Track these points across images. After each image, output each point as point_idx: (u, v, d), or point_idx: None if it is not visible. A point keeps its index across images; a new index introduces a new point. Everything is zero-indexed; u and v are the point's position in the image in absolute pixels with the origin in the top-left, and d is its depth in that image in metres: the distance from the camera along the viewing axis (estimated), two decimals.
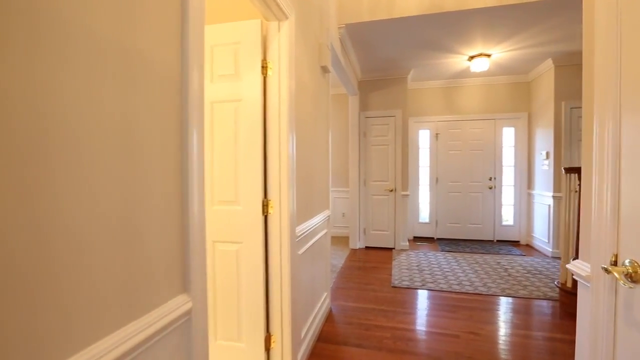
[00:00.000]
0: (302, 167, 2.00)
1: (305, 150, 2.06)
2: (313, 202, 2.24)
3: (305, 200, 2.04)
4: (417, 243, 5.26)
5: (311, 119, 2.23)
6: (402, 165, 4.81)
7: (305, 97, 2.08)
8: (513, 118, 5.18)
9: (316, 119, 2.36)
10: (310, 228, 2.08)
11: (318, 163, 2.43)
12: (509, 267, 3.96)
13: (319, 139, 2.44)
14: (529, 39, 3.69)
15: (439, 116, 5.42)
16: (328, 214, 2.66)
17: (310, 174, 2.19)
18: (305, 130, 2.07)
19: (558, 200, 4.40)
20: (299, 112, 1.93)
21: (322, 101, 2.58)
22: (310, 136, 2.19)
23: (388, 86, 4.87)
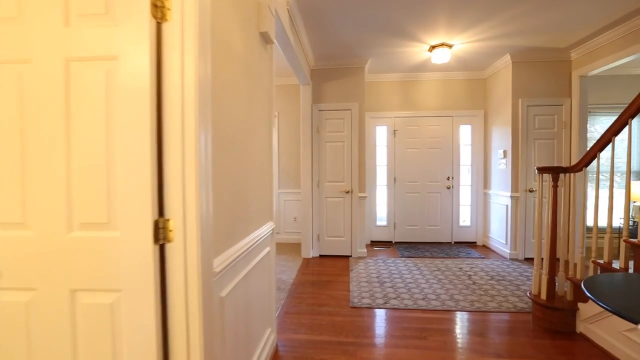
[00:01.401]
0: (229, 168, 1.38)
1: (232, 145, 1.45)
2: (248, 217, 1.63)
3: (233, 215, 1.42)
4: (375, 248, 4.87)
5: (244, 103, 1.61)
6: (359, 165, 4.36)
7: (234, 69, 1.46)
8: (470, 116, 5.02)
9: (252, 103, 1.75)
10: (242, 253, 1.46)
11: (256, 163, 1.82)
12: (472, 273, 3.70)
13: (256, 131, 1.82)
14: (490, 29, 3.43)
15: (396, 112, 5.08)
16: (272, 226, 2.06)
17: (243, 178, 1.58)
18: (232, 117, 1.46)
19: (515, 201, 4.27)
20: (222, 91, 1.31)
21: (263, 82, 1.96)
22: (242, 126, 1.57)
23: (344, 76, 4.39)
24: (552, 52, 4.10)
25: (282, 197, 5.22)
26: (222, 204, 1.30)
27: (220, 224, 1.28)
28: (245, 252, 1.50)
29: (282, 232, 5.24)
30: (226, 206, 1.34)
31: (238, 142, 1.50)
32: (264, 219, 1.95)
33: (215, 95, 1.25)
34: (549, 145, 4.23)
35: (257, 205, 1.80)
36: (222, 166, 1.31)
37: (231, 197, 1.40)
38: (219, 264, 1.22)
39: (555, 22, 3.31)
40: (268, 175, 2.06)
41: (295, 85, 5.11)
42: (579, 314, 2.41)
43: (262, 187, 1.94)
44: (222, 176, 1.30)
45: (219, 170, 1.28)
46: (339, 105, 4.38)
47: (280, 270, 3.81)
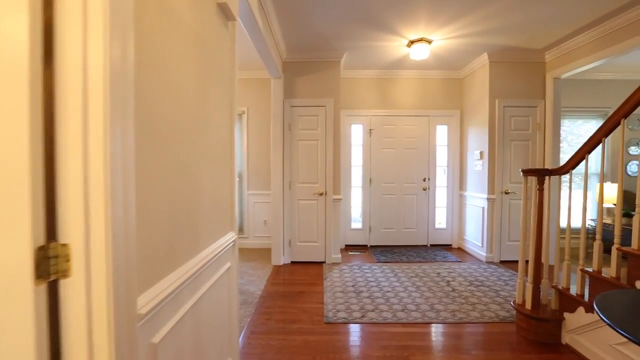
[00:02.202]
0: (168, 174, 1.05)
1: (175, 144, 1.12)
2: (198, 231, 1.29)
3: (173, 232, 1.09)
4: (349, 253, 4.63)
5: (194, 91, 1.28)
6: (333, 165, 4.10)
7: (177, 46, 1.13)
8: (446, 116, 4.92)
9: (206, 92, 1.41)
10: (188, 278, 1.13)
11: (213, 165, 1.49)
12: (450, 279, 3.55)
13: (213, 126, 1.49)
14: (470, 25, 3.29)
15: (373, 110, 4.88)
16: (233, 237, 1.73)
17: (192, 184, 1.25)
18: (175, 108, 1.13)
19: (492, 203, 4.19)
20: (158, 74, 0.98)
21: (222, 66, 1.63)
22: (190, 120, 1.24)
23: (318, 70, 4.11)
24: (528, 53, 4.06)
25: (251, 199, 4.86)
26: (155, 220, 0.97)
27: (151, 247, 0.95)
28: (193, 276, 1.17)
29: (250, 237, 4.88)
30: (161, 222, 1.01)
31: (184, 140, 1.17)
32: (222, 230, 1.62)
33: (146, 81, 0.92)
34: (524, 146, 4.20)
35: (212, 215, 1.47)
36: (156, 171, 0.98)
37: (171, 209, 1.07)
38: (149, 301, 0.88)
39: (532, 21, 3.22)
40: (229, 178, 1.73)
41: (266, 79, 4.76)
42: (565, 324, 2.29)
43: (221, 192, 1.61)
44: (155, 184, 0.97)
45: (151, 177, 0.95)
46: (313, 101, 4.09)
47: (247, 280, 3.46)
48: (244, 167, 4.86)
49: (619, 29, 3.22)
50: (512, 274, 3.73)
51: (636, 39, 3.08)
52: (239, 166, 4.88)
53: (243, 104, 4.84)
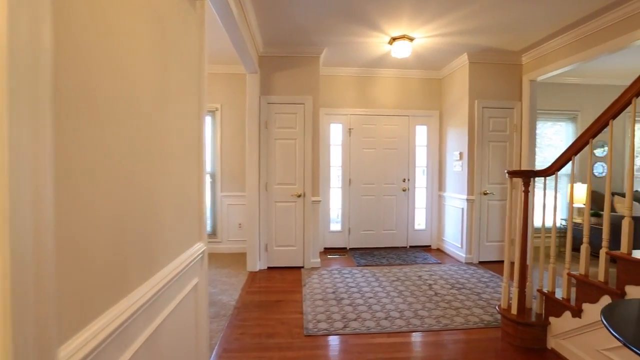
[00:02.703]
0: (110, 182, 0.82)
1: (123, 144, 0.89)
2: (155, 248, 1.07)
3: (118, 253, 0.87)
4: (329, 256, 4.48)
5: (151, 78, 1.06)
6: (312, 165, 3.92)
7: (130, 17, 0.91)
8: (425, 116, 4.88)
9: (167, 80, 1.20)
10: (140, 307, 0.91)
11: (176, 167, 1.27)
12: (432, 282, 3.48)
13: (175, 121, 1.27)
14: (452, 23, 3.23)
15: (352, 109, 4.75)
16: (201, 248, 1.51)
17: (146, 192, 1.02)
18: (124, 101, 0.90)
19: (471, 204, 4.18)
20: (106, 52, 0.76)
21: (187, 51, 1.41)
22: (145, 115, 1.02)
23: (297, 66, 3.92)
24: (506, 54, 4.08)
25: (225, 201, 4.58)
26: (93, 243, 0.75)
27: (85, 276, 0.73)
28: (148, 302, 0.96)
29: (224, 241, 4.60)
30: (102, 244, 0.79)
31: (137, 141, 0.95)
32: (188, 242, 1.39)
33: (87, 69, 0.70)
34: (502, 147, 4.22)
35: (176, 227, 1.25)
36: (96, 182, 0.76)
37: (117, 227, 0.85)
38: (80, 348, 0.66)
39: (511, 23, 3.20)
40: (197, 182, 1.51)
41: (242, 75, 4.51)
42: (550, 329, 2.24)
43: (187, 199, 1.38)
44: (94, 198, 0.75)
45: (87, 190, 0.73)
46: (291, 98, 3.89)
47: (220, 289, 3.21)
48: (217, 168, 4.58)
49: (592, 33, 3.27)
50: (492, 275, 3.71)
51: (607, 44, 3.14)
52: (212, 166, 4.60)
53: (217, 100, 4.55)
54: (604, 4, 2.91)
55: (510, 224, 2.48)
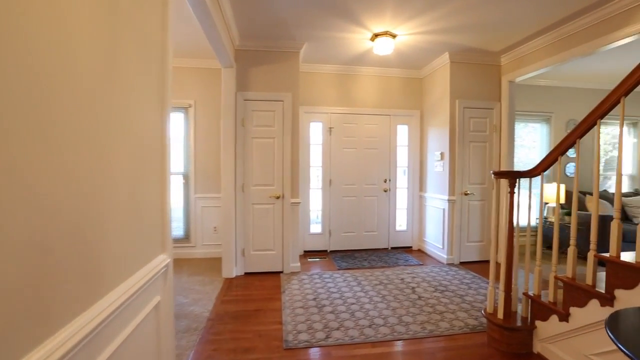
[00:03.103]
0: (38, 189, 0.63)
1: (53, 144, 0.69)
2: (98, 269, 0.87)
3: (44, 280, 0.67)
4: (309, 260, 4.32)
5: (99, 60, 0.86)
6: (291, 165, 3.75)
7: None
8: (407, 115, 4.82)
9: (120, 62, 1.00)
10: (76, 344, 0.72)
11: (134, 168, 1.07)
12: (415, 285, 3.40)
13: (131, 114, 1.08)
14: (435, 21, 3.16)
15: (333, 107, 4.62)
16: (165, 261, 1.31)
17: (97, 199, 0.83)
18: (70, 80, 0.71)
19: (452, 204, 4.15)
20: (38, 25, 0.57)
21: (144, 28, 1.21)
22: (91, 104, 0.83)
23: (276, 61, 3.73)
24: (486, 55, 4.08)
25: (199, 203, 4.32)
26: None
27: None
28: (89, 335, 0.76)
29: (198, 246, 4.34)
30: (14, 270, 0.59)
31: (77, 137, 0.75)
32: (147, 255, 1.19)
33: None
34: (482, 148, 4.22)
35: (130, 238, 1.05)
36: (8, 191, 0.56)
37: (40, 243, 0.65)
38: None
39: (492, 22, 3.17)
40: (160, 185, 1.31)
41: (217, 70, 4.26)
42: (537, 333, 2.20)
43: (145, 205, 1.18)
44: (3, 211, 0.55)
45: None
46: (269, 95, 3.71)
47: (192, 299, 2.98)
48: (190, 168, 4.31)
49: (568, 36, 3.31)
50: (474, 276, 3.69)
51: (581, 47, 3.19)
52: (185, 167, 4.32)
53: (190, 96, 4.29)
54: (579, 7, 2.93)
55: (497, 226, 2.43)
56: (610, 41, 2.92)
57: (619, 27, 2.83)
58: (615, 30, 2.87)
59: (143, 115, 1.16)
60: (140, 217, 1.13)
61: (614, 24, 2.87)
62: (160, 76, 1.32)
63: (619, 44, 2.95)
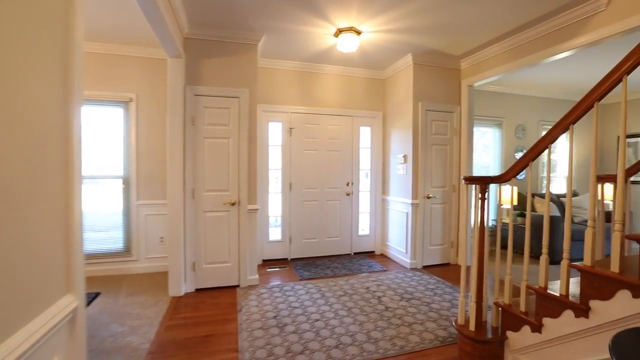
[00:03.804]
0: None
1: None
2: None
3: None
4: (268, 270, 4.01)
5: None
6: (249, 168, 3.42)
7: None
8: (369, 117, 4.71)
9: None
10: None
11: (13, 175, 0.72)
12: (381, 293, 3.26)
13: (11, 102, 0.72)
14: (400, 19, 3.05)
15: (294, 106, 4.35)
16: (70, 305, 0.96)
17: None
18: None
19: (415, 208, 4.09)
20: None
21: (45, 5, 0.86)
22: None
23: (231, 53, 3.38)
24: (447, 58, 4.09)
25: (142, 210, 3.81)
26: None
27: None
28: None
29: (141, 259, 3.82)
30: None
31: None
32: (38, 303, 0.84)
33: None
34: (444, 151, 4.22)
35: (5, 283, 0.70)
36: None
37: None
38: None
39: (453, 25, 3.14)
40: (62, 196, 0.96)
41: (163, 60, 3.79)
42: (508, 344, 2.13)
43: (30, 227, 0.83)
44: None
45: None
46: (224, 91, 3.34)
47: (130, 327, 2.53)
48: (131, 171, 3.78)
49: (522, 44, 3.40)
50: (437, 280, 3.64)
51: (532, 57, 3.30)
52: (125, 169, 3.78)
53: (131, 88, 3.76)
54: (532, 17, 3.00)
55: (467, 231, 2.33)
56: (554, 53, 3.11)
57: (561, 41, 2.94)
58: (559, 43, 3.00)
59: (30, 108, 0.81)
60: (20, 248, 0.78)
61: (560, 37, 2.96)
62: (62, 62, 0.97)
63: (561, 56, 3.14)
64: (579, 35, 2.89)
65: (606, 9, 2.69)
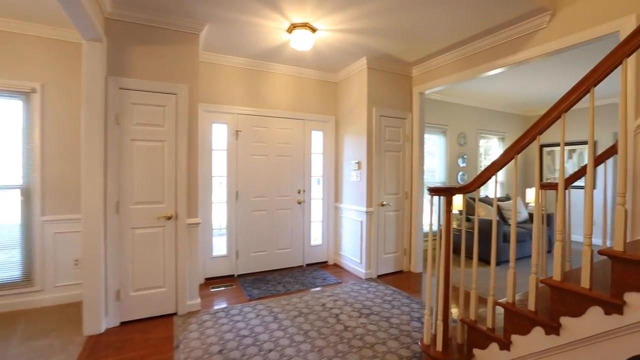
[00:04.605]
0: None
1: None
2: None
3: None
4: (212, 290, 3.55)
5: None
6: (188, 176, 2.96)
7: None
8: (322, 121, 4.51)
9: None
10: None
11: None
12: (338, 311, 3.04)
13: None
14: (355, 19, 2.90)
15: (241, 107, 3.96)
16: None
17: None
18: None
19: (370, 216, 3.98)
20: None
21: None
22: None
23: (167, 41, 2.90)
24: (400, 64, 4.07)
25: (49, 228, 3.09)
26: None
27: None
28: None
29: (48, 289, 3.09)
30: None
31: None
32: None
33: None
34: (397, 157, 4.19)
35: None
36: None
37: None
38: None
39: (407, 29, 3.09)
40: None
41: (78, 45, 3.14)
42: None
43: None
44: None
45: None
46: (158, 85, 2.85)
47: None
48: (34, 179, 3.05)
49: (472, 55, 3.49)
50: (393, 291, 3.55)
51: (479, 68, 3.42)
52: (26, 177, 3.04)
53: (34, 76, 3.05)
54: (483, 29, 3.08)
55: (432, 249, 2.21)
56: (500, 66, 3.23)
57: (507, 54, 3.05)
58: (506, 56, 3.11)
59: None
60: None
61: (507, 50, 3.07)
62: None
63: (503, 69, 3.29)
64: (523, 49, 3.01)
65: (547, 26, 2.83)
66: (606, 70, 1.48)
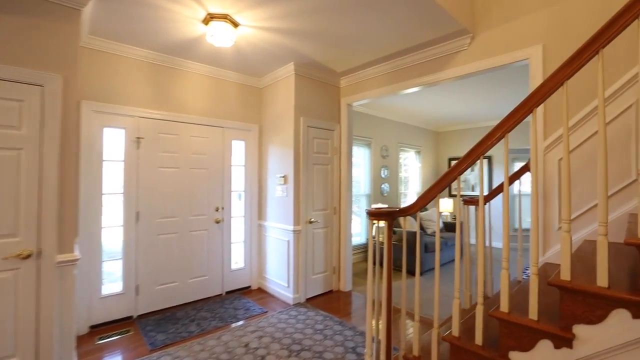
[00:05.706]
0: None
1: None
2: None
3: None
4: (99, 342, 2.75)
5: None
6: (60, 195, 2.21)
7: None
8: (244, 129, 4.05)
9: None
10: None
11: None
12: (265, 351, 2.61)
13: None
14: (283, 17, 2.59)
15: (144, 109, 3.26)
16: None
17: None
18: None
19: (298, 235, 3.65)
20: None
21: None
22: None
23: (30, 13, 2.13)
24: (329, 74, 3.89)
25: None
26: None
27: None
28: None
29: None
30: None
31: None
32: None
33: None
34: (325, 171, 3.97)
35: None
36: None
37: None
38: None
39: (338, 35, 2.93)
40: None
41: None
42: None
43: None
44: None
45: None
46: (12, 72, 2.06)
47: None
48: None
49: (398, 70, 3.50)
50: (324, 317, 3.26)
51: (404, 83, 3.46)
52: None
53: None
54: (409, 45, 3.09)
55: (372, 278, 1.98)
56: (425, 83, 3.28)
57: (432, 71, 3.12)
58: (430, 73, 3.16)
59: None
60: None
61: (431, 68, 3.14)
62: None
63: (417, 89, 3.41)
64: (445, 68, 3.09)
65: (468, 49, 2.94)
66: (516, 122, 1.50)
